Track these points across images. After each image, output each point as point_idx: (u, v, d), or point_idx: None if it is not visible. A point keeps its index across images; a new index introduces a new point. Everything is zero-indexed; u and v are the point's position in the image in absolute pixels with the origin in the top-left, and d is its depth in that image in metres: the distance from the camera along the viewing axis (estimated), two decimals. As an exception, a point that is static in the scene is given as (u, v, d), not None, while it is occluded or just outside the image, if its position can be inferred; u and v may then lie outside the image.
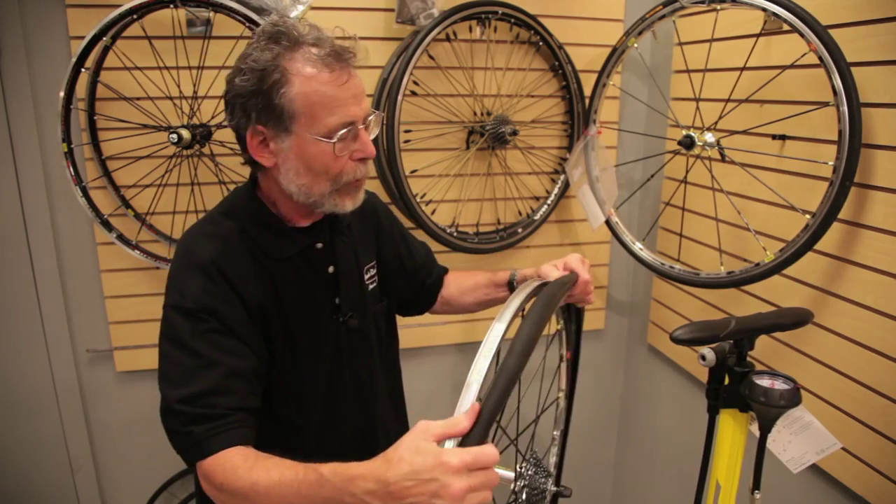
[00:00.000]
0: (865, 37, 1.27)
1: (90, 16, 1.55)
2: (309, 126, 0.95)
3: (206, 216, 1.09)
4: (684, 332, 1.03)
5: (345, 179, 1.01)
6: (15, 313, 1.76)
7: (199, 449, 0.91)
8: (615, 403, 2.40)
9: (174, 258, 1.03)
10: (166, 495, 1.95)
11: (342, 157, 0.98)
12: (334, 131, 0.96)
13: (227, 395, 0.94)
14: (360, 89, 1.00)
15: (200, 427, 0.91)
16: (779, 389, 1.00)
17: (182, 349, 0.95)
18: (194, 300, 0.96)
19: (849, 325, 1.37)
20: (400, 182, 1.74)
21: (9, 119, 1.62)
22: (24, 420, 1.83)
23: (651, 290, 2.11)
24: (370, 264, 1.22)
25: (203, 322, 0.96)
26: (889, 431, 1.29)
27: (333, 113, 0.95)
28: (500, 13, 1.75)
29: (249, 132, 0.98)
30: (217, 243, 1.01)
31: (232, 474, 0.88)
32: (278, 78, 0.93)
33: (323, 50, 0.95)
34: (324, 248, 1.10)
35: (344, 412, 1.15)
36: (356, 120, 0.98)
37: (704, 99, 1.66)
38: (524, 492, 0.96)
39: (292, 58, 0.94)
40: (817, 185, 1.39)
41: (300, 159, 0.98)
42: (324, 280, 1.10)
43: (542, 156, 1.99)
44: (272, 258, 1.04)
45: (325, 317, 1.11)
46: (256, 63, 0.93)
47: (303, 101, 0.94)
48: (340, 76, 0.96)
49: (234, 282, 0.98)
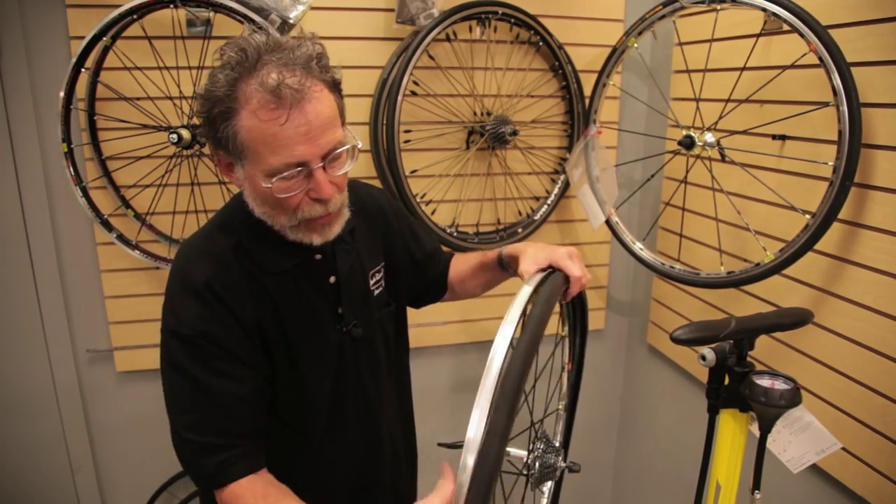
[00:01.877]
0: (865, 37, 1.27)
1: (90, 16, 1.55)
2: (254, 164, 0.90)
3: (203, 228, 1.06)
4: (684, 332, 1.03)
5: (301, 217, 0.95)
6: (15, 313, 1.76)
7: (212, 480, 0.95)
8: (615, 403, 2.40)
9: (170, 276, 1.01)
10: (166, 495, 1.95)
11: (293, 195, 0.91)
12: (276, 172, 0.88)
13: (232, 422, 0.96)
14: (315, 124, 0.88)
15: (211, 460, 0.93)
16: (779, 389, 1.00)
17: (183, 376, 0.96)
18: (190, 326, 0.95)
19: (849, 324, 1.37)
20: (400, 182, 1.74)
21: (9, 119, 1.62)
22: (25, 420, 1.83)
23: (651, 290, 2.11)
24: (376, 268, 1.18)
25: (201, 349, 0.95)
26: (889, 431, 1.29)
27: (275, 153, 0.87)
28: (500, 13, 1.75)
29: (215, 154, 0.96)
30: (211, 263, 0.98)
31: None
32: (224, 109, 0.87)
33: (273, 79, 0.85)
34: (323, 258, 1.06)
35: (349, 420, 1.13)
36: (307, 160, 0.89)
37: (704, 99, 1.66)
38: (536, 467, 1.01)
39: (245, 85, 0.86)
40: (817, 185, 1.39)
41: (254, 191, 0.94)
42: (325, 290, 1.08)
43: (542, 156, 1.99)
44: (269, 273, 1.01)
45: (328, 328, 1.08)
46: (208, 91, 0.88)
47: (246, 136, 0.87)
48: (283, 113, 0.85)
49: (229, 303, 0.97)
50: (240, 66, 0.87)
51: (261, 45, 0.88)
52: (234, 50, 0.88)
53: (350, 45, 1.75)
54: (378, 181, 1.83)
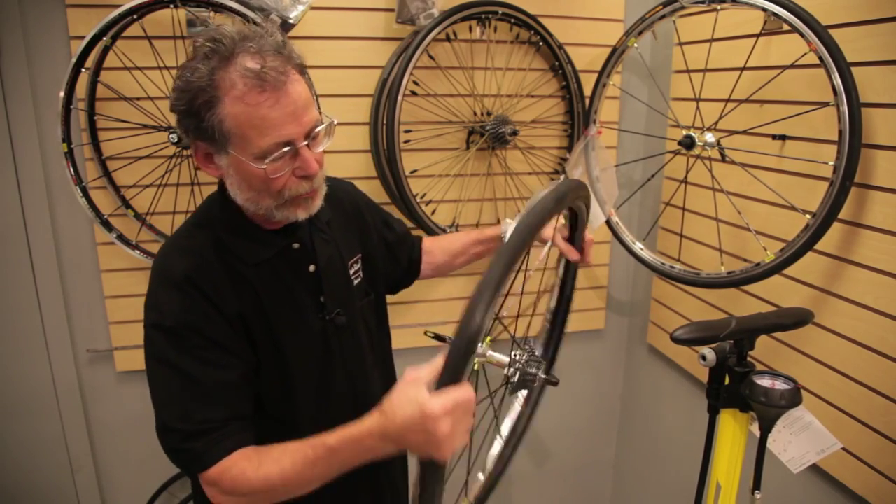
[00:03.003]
0: (865, 37, 1.27)
1: (90, 16, 1.55)
2: (241, 148, 0.92)
3: (180, 228, 1.08)
4: (685, 332, 1.03)
5: (288, 195, 0.98)
6: (15, 313, 1.76)
7: (200, 461, 0.94)
8: (615, 403, 2.40)
9: (151, 276, 1.03)
10: (166, 495, 1.95)
11: (281, 175, 0.95)
12: (268, 153, 0.92)
13: (220, 408, 0.96)
14: (300, 104, 0.92)
15: (199, 442, 0.94)
16: (779, 389, 1.00)
17: (169, 368, 0.96)
18: (173, 318, 0.96)
19: (849, 324, 1.37)
20: (400, 182, 1.74)
21: (9, 119, 1.62)
22: (25, 420, 1.83)
23: (651, 290, 2.11)
24: (354, 259, 1.21)
25: (185, 339, 0.96)
26: (889, 431, 1.29)
27: (265, 134, 0.91)
28: (500, 13, 1.75)
29: (193, 146, 0.97)
30: (190, 257, 1.00)
31: (241, 478, 0.92)
32: (207, 99, 0.89)
33: (255, 64, 0.89)
34: (301, 247, 1.08)
35: (337, 409, 1.14)
36: (294, 139, 0.93)
37: (704, 99, 1.66)
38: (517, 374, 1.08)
39: (225, 73, 0.89)
40: (817, 185, 1.38)
41: (240, 176, 0.96)
42: (305, 280, 1.09)
43: (542, 156, 1.99)
44: (249, 264, 1.03)
45: (311, 317, 1.10)
46: (187, 82, 0.90)
47: (233, 122, 0.90)
48: (271, 96, 0.89)
49: (210, 295, 0.98)
50: (217, 54, 0.89)
51: (233, 34, 0.91)
52: (207, 40, 0.91)
53: (350, 45, 1.75)
54: (378, 181, 1.83)
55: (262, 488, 0.91)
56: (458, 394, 0.75)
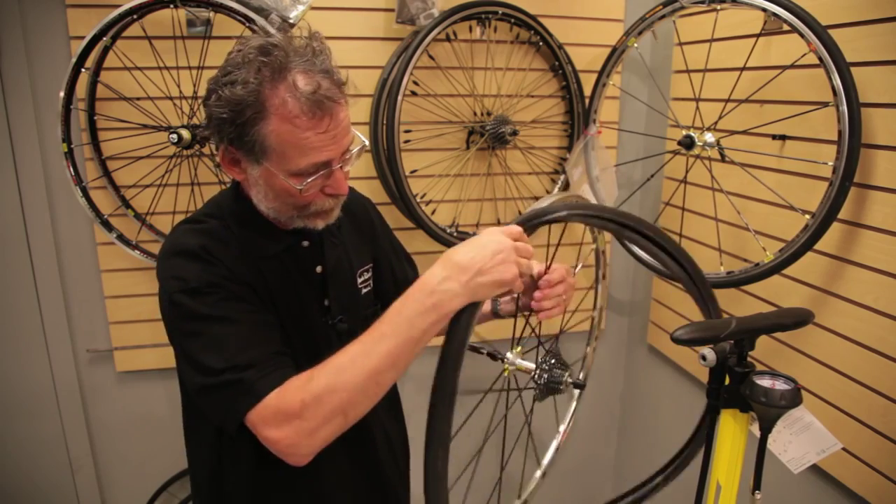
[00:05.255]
0: (865, 37, 1.27)
1: (90, 16, 1.55)
2: (278, 163, 0.92)
3: (188, 218, 1.06)
4: (685, 332, 1.02)
5: (312, 210, 0.98)
6: (15, 313, 1.76)
7: (253, 392, 0.88)
8: (615, 403, 2.40)
9: (161, 257, 1.00)
10: (166, 495, 1.95)
11: (310, 192, 0.96)
12: (304, 173, 0.92)
13: (263, 346, 0.93)
14: (342, 128, 0.93)
15: (248, 373, 0.88)
16: (779, 390, 1.00)
17: (203, 322, 0.92)
18: (197, 279, 0.94)
19: (849, 324, 1.37)
20: (400, 182, 1.74)
21: (9, 119, 1.62)
22: (25, 420, 1.83)
23: (651, 290, 2.11)
24: (365, 267, 1.19)
25: (212, 294, 0.93)
26: (889, 431, 1.29)
27: (306, 155, 0.91)
28: (500, 13, 1.75)
29: (222, 149, 0.96)
30: (205, 236, 0.99)
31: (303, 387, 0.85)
32: (254, 115, 0.88)
33: (309, 86, 0.88)
34: (311, 246, 1.07)
35: None
36: (331, 160, 0.94)
37: (704, 99, 1.66)
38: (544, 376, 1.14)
39: (274, 90, 0.88)
40: (817, 185, 1.39)
41: (268, 187, 0.96)
42: (312, 280, 1.08)
43: (542, 156, 1.99)
44: (257, 256, 1.02)
45: (315, 318, 1.08)
46: (234, 93, 0.88)
47: (276, 140, 0.90)
48: (320, 122, 0.90)
49: (229, 265, 0.97)
50: (266, 67, 0.88)
51: (285, 46, 0.90)
52: (255, 50, 0.89)
53: (350, 45, 1.75)
54: (378, 181, 1.83)
55: (325, 390, 0.83)
56: (522, 232, 0.89)
